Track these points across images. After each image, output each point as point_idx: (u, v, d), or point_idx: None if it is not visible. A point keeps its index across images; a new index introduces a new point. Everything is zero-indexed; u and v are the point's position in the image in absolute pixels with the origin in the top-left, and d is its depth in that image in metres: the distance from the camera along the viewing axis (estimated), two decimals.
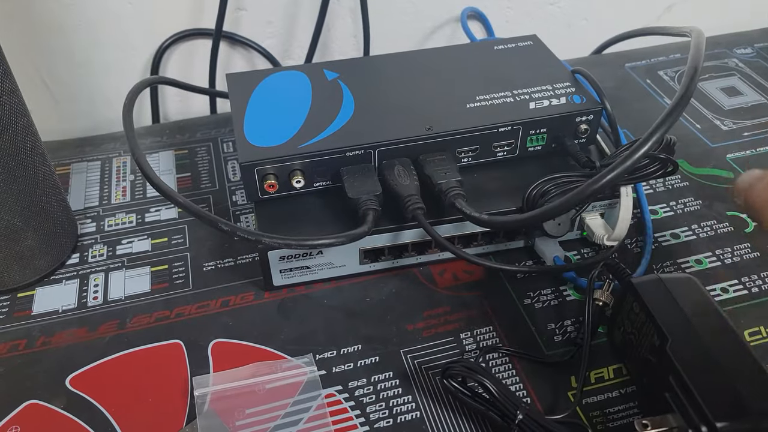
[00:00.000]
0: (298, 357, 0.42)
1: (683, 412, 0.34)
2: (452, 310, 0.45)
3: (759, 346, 0.42)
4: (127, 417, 0.39)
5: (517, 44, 0.56)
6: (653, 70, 0.70)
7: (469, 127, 0.46)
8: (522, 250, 0.49)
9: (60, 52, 0.62)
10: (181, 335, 0.43)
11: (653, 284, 0.40)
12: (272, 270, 0.45)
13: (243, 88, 0.50)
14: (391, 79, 0.52)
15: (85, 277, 0.48)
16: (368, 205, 0.42)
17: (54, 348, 0.43)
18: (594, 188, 0.35)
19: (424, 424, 0.39)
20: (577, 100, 0.48)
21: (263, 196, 0.45)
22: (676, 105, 0.35)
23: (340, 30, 0.69)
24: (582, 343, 0.40)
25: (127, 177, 0.56)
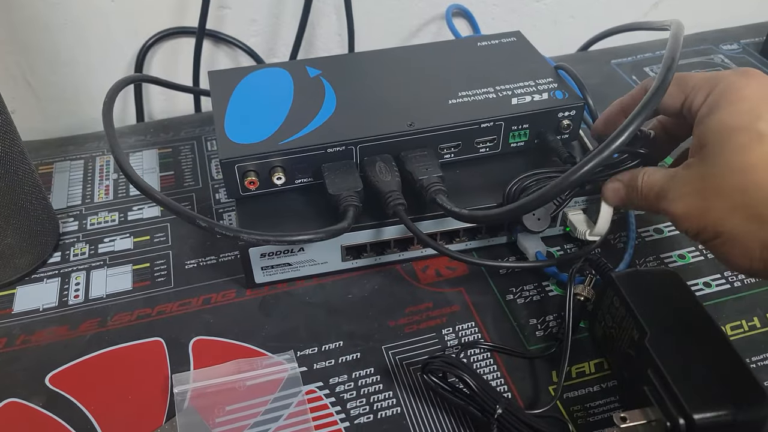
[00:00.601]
0: (279, 354, 0.42)
1: (661, 404, 0.34)
2: (434, 306, 0.45)
3: (741, 340, 0.42)
4: (106, 415, 0.39)
5: (500, 41, 0.56)
6: (639, 67, 0.70)
7: (450, 123, 0.46)
8: (505, 246, 0.49)
9: (43, 51, 0.62)
10: (162, 333, 0.43)
11: (633, 278, 0.40)
12: (254, 267, 0.45)
13: (224, 86, 0.50)
14: (374, 76, 0.51)
15: (66, 276, 0.47)
16: (349, 201, 0.42)
17: (34, 346, 0.43)
18: (570, 180, 0.35)
19: (405, 420, 0.39)
20: (559, 96, 0.48)
21: (244, 193, 0.45)
22: (651, 96, 0.35)
23: (324, 28, 0.69)
24: (563, 338, 0.40)
25: (111, 176, 0.56)
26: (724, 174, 0.32)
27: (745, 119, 0.33)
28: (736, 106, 0.33)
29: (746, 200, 0.32)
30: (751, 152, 0.32)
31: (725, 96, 0.34)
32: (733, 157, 0.32)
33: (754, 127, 0.32)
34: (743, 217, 0.32)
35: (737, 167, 0.32)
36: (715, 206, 0.33)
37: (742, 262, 0.34)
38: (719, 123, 0.33)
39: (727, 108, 0.33)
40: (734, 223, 0.32)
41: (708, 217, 0.33)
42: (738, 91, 0.34)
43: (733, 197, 0.32)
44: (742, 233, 0.32)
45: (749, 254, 0.33)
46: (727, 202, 0.32)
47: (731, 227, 0.33)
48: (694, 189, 0.34)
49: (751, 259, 0.33)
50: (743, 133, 0.32)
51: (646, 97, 0.35)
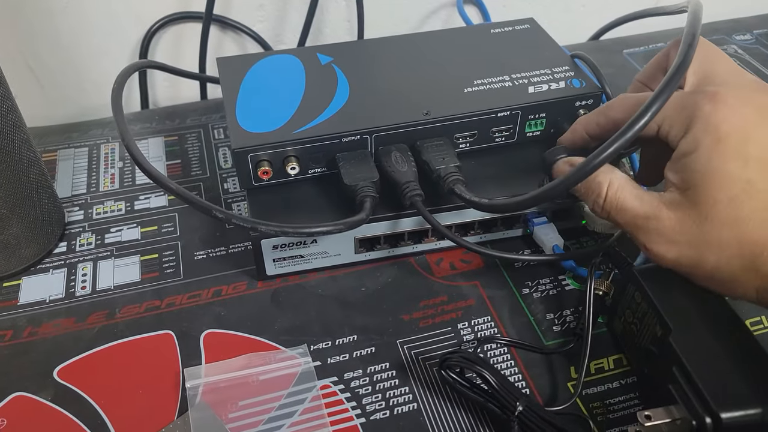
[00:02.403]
0: (293, 348, 0.41)
1: (687, 403, 0.33)
2: (449, 299, 0.44)
3: (761, 336, 0.42)
4: (116, 409, 0.38)
5: (514, 28, 0.55)
6: (651, 57, 0.68)
7: (467, 112, 0.45)
8: (520, 239, 0.48)
9: (46, 36, 0.61)
10: (172, 326, 0.42)
11: (654, 273, 0.39)
12: (265, 259, 0.44)
13: (234, 73, 0.49)
14: (387, 63, 0.50)
15: (72, 267, 0.46)
16: (365, 191, 0.41)
17: (41, 339, 0.42)
18: (594, 164, 0.34)
19: (422, 416, 0.38)
20: (576, 85, 0.48)
21: (257, 183, 0.44)
22: (674, 73, 0.34)
23: (333, 14, 0.67)
24: (582, 333, 0.40)
25: (116, 164, 0.55)
26: (721, 227, 0.33)
27: (732, 166, 0.32)
28: (720, 146, 0.33)
29: (742, 253, 0.32)
30: (743, 205, 0.32)
31: (706, 135, 0.33)
32: (727, 211, 0.32)
33: (743, 176, 0.32)
34: (738, 267, 0.33)
35: (731, 221, 0.32)
36: (709, 259, 0.33)
37: (737, 296, 0.34)
38: (706, 166, 0.33)
39: (712, 149, 0.33)
40: (728, 272, 0.33)
41: (701, 266, 0.34)
42: (717, 127, 0.33)
43: (728, 250, 0.33)
44: (737, 281, 0.33)
45: (746, 295, 0.34)
46: (722, 254, 0.33)
47: (724, 275, 0.33)
48: (687, 239, 0.34)
49: (748, 297, 0.34)
50: (734, 184, 0.32)
51: (668, 76, 0.34)
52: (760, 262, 0.32)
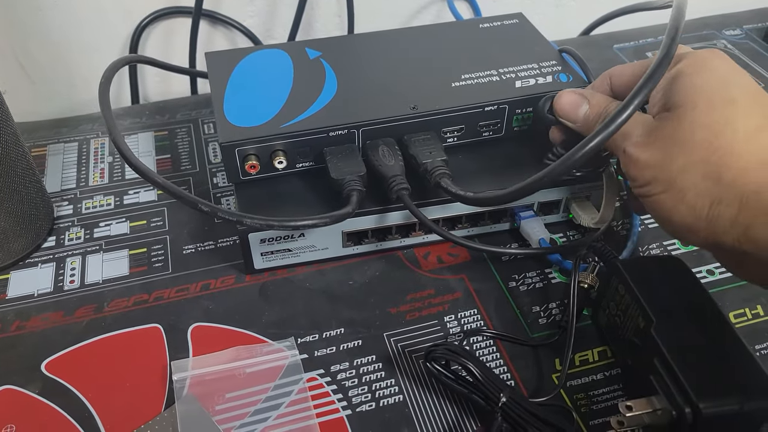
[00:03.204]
0: (280, 341, 0.41)
1: (667, 393, 0.33)
2: (436, 293, 0.44)
3: (743, 328, 0.42)
4: (104, 402, 0.38)
5: (502, 22, 0.55)
6: (641, 52, 0.69)
7: (454, 107, 0.45)
8: (507, 233, 0.48)
9: (36, 31, 0.61)
10: (160, 319, 0.43)
11: (638, 266, 0.39)
12: (253, 253, 0.44)
13: (222, 67, 0.49)
14: (375, 58, 0.50)
15: (61, 261, 0.46)
16: (352, 185, 0.41)
17: (29, 332, 0.42)
18: (577, 157, 0.34)
19: (407, 408, 0.38)
20: (563, 79, 0.48)
21: (244, 177, 0.44)
22: (657, 66, 0.34)
23: (323, 9, 0.67)
24: (567, 325, 0.40)
25: (105, 159, 0.55)
26: (693, 129, 0.33)
27: (715, 84, 0.34)
28: (706, 72, 0.34)
29: (708, 157, 0.32)
30: (721, 112, 0.33)
31: (693, 65, 0.35)
32: (703, 116, 0.33)
33: (725, 91, 0.33)
34: (701, 173, 0.32)
35: (705, 124, 0.33)
36: (676, 159, 0.33)
37: (687, 218, 0.33)
38: (691, 85, 0.34)
39: (698, 74, 0.34)
40: (690, 178, 0.33)
41: (665, 168, 0.33)
42: (705, 61, 0.35)
43: (696, 153, 0.33)
44: (695, 188, 0.32)
45: (696, 211, 0.33)
46: (689, 157, 0.33)
47: (685, 181, 0.33)
48: (659, 139, 0.34)
49: (697, 217, 0.33)
50: (714, 95, 0.33)
51: (651, 68, 0.34)
52: (723, 169, 0.32)
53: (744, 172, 0.31)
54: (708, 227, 0.32)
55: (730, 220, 0.31)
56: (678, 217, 0.33)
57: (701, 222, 0.32)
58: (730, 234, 0.32)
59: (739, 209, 0.31)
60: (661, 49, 0.35)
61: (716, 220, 0.32)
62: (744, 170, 0.31)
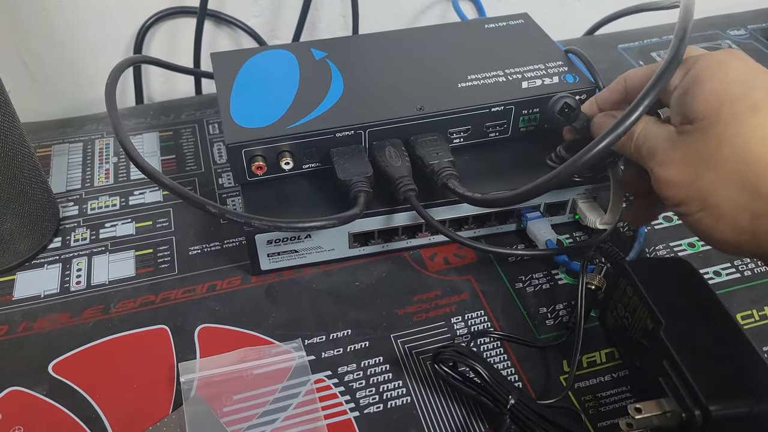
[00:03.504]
0: (287, 342, 0.41)
1: (676, 395, 0.33)
2: (443, 294, 0.44)
3: (751, 330, 0.42)
4: (112, 404, 0.38)
5: (508, 23, 0.55)
6: (646, 52, 0.69)
7: (461, 107, 0.45)
8: (514, 234, 0.48)
9: (40, 31, 0.61)
10: (166, 320, 0.43)
11: (646, 267, 0.39)
12: (260, 254, 0.44)
13: (228, 68, 0.49)
14: (381, 59, 0.50)
15: (67, 262, 0.46)
16: (359, 186, 0.41)
17: (36, 334, 0.42)
18: (585, 158, 0.34)
19: (415, 409, 0.38)
20: (570, 80, 0.48)
21: (251, 178, 0.44)
22: (666, 67, 0.34)
23: (327, 9, 0.67)
24: (574, 327, 0.40)
25: (110, 159, 0.55)
26: (719, 143, 0.32)
27: (737, 89, 0.32)
28: (725, 76, 0.33)
29: (740, 170, 0.31)
30: (746, 122, 0.31)
31: (709, 69, 0.33)
32: (728, 127, 0.31)
33: (747, 97, 0.32)
34: (735, 187, 0.31)
35: (732, 137, 0.31)
36: (706, 176, 0.32)
37: (728, 235, 0.32)
38: (710, 93, 0.32)
39: (716, 78, 0.33)
40: (725, 194, 0.31)
41: (697, 186, 0.32)
42: (722, 63, 0.33)
43: (727, 167, 0.31)
44: (732, 204, 0.31)
45: (737, 227, 0.32)
46: (719, 172, 0.32)
47: (720, 198, 0.32)
48: (686, 156, 0.33)
49: (740, 232, 0.32)
50: (737, 103, 0.32)
51: (660, 70, 0.34)
52: (759, 181, 0.30)
53: None
54: (752, 241, 0.31)
55: None
56: (719, 235, 0.32)
57: (744, 236, 0.32)
58: None
59: None
60: (669, 50, 0.35)
61: (760, 232, 0.31)
62: None
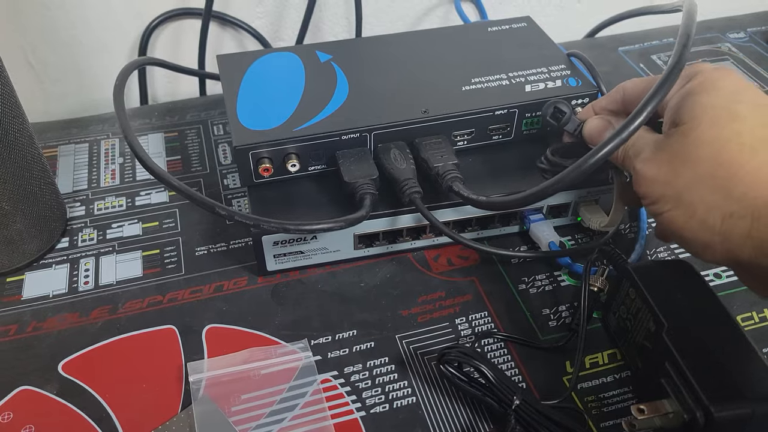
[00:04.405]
0: (293, 342, 0.42)
1: (679, 397, 0.34)
2: (447, 295, 0.45)
3: (751, 331, 0.43)
4: (121, 403, 0.39)
5: (511, 26, 0.55)
6: (646, 54, 0.69)
7: (465, 111, 0.46)
8: (517, 236, 0.49)
9: (45, 32, 0.61)
10: (174, 320, 0.43)
11: (650, 269, 0.40)
12: (266, 255, 0.44)
13: (234, 70, 0.49)
14: (386, 61, 0.51)
15: (75, 262, 0.47)
16: (365, 189, 0.42)
17: (45, 333, 0.42)
18: (590, 162, 0.34)
19: (421, 409, 0.39)
20: (572, 83, 0.48)
21: (257, 180, 0.44)
22: (669, 73, 0.34)
23: (331, 11, 0.68)
24: (577, 328, 0.40)
25: (116, 160, 0.55)
26: (697, 144, 0.33)
27: (722, 100, 0.34)
28: (715, 91, 0.34)
29: (715, 172, 0.32)
30: (725, 128, 0.33)
31: (703, 84, 0.35)
32: (707, 131, 0.33)
33: (730, 107, 0.33)
34: (709, 187, 0.32)
35: (710, 140, 0.33)
36: (683, 174, 0.33)
37: (699, 234, 0.33)
38: (698, 103, 0.34)
39: (706, 92, 0.34)
40: (698, 193, 0.33)
41: (673, 184, 0.34)
42: (716, 81, 0.35)
43: (702, 168, 0.33)
44: (704, 203, 0.32)
45: (708, 226, 0.32)
46: (695, 172, 0.33)
47: (693, 196, 0.33)
48: (667, 155, 0.34)
49: (711, 233, 0.32)
50: (718, 110, 0.33)
51: (663, 76, 0.35)
52: (732, 183, 0.32)
53: (754, 185, 0.31)
54: (723, 242, 0.32)
55: (744, 233, 0.31)
56: (690, 233, 0.33)
57: (715, 237, 0.32)
58: (745, 248, 0.31)
59: (752, 222, 0.31)
60: (672, 56, 0.35)
61: (730, 234, 0.32)
62: (754, 183, 0.31)
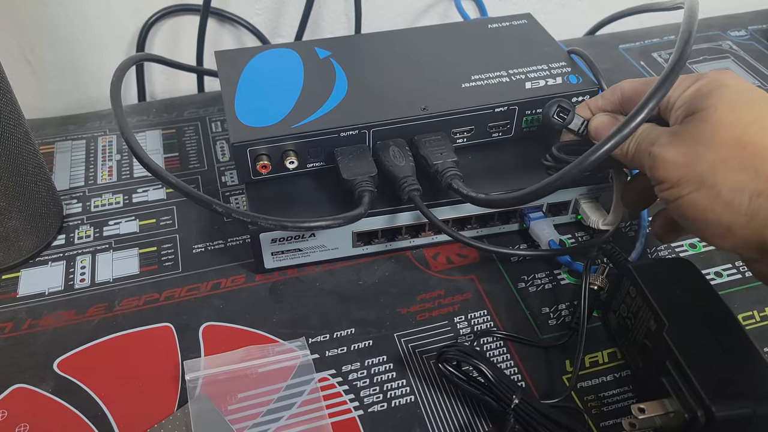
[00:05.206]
0: (291, 341, 0.41)
1: (680, 396, 0.34)
2: (446, 293, 0.45)
3: (752, 330, 0.42)
4: (117, 401, 0.38)
5: (511, 23, 0.55)
6: (647, 52, 0.69)
7: (465, 108, 0.45)
8: (516, 234, 0.48)
9: (43, 28, 0.60)
10: (171, 318, 0.43)
11: (649, 268, 0.40)
12: (264, 252, 0.44)
13: (233, 66, 0.49)
14: (385, 58, 0.51)
15: (71, 259, 0.46)
16: (364, 186, 0.42)
17: (41, 331, 0.42)
18: (591, 159, 0.34)
19: (419, 408, 0.38)
20: (573, 81, 0.48)
21: (255, 177, 0.44)
22: (671, 70, 0.34)
23: (330, 7, 0.67)
24: (577, 327, 0.40)
25: (114, 156, 0.55)
26: (719, 128, 0.33)
27: (735, 93, 0.34)
28: (725, 89, 0.34)
29: (738, 153, 0.32)
30: (745, 113, 0.33)
31: (712, 83, 0.35)
32: (727, 114, 0.33)
33: (746, 97, 0.34)
34: (734, 168, 0.32)
35: (732, 123, 0.33)
36: (704, 156, 0.33)
37: (723, 215, 0.32)
38: (712, 95, 0.34)
39: (718, 88, 0.34)
40: (722, 174, 0.32)
41: (694, 166, 0.33)
42: (721, 80, 0.35)
43: (725, 149, 0.32)
44: (730, 183, 0.32)
45: (734, 207, 0.32)
46: (717, 154, 0.32)
47: (717, 177, 0.32)
48: (685, 139, 0.34)
49: (737, 213, 0.32)
50: (735, 98, 0.34)
51: (666, 72, 0.34)
52: (759, 162, 0.31)
53: None
54: (749, 223, 0.32)
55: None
56: (714, 214, 0.33)
57: (741, 217, 0.32)
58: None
59: None
60: (674, 52, 0.35)
61: (758, 213, 0.31)
62: None
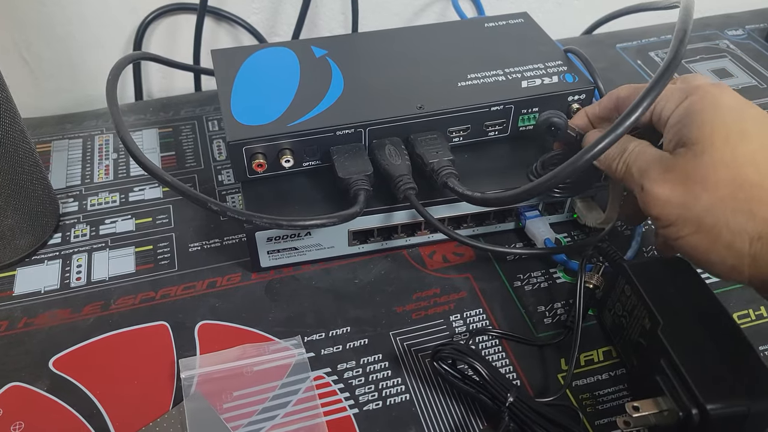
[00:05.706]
0: (286, 339, 0.41)
1: (674, 394, 0.34)
2: (442, 292, 0.45)
3: (747, 329, 0.42)
4: (112, 400, 0.38)
5: (507, 22, 0.55)
6: (644, 51, 0.69)
7: (460, 106, 0.45)
8: (512, 232, 0.48)
9: (40, 27, 0.60)
10: (167, 317, 0.43)
11: (645, 267, 0.40)
12: (260, 251, 0.44)
13: (229, 65, 0.49)
14: (381, 57, 0.51)
15: (67, 258, 0.46)
16: (359, 185, 0.42)
17: (36, 329, 0.42)
18: (584, 159, 0.34)
19: (414, 407, 0.38)
20: (569, 79, 0.48)
21: (251, 175, 0.44)
22: (665, 69, 0.34)
23: (327, 6, 0.67)
24: (572, 325, 0.40)
25: (110, 155, 0.55)
26: (714, 167, 0.32)
27: (728, 119, 0.34)
28: (718, 109, 0.34)
29: (735, 194, 0.32)
30: (739, 149, 0.33)
31: (704, 100, 0.35)
32: (723, 153, 0.33)
33: (737, 126, 0.33)
34: (732, 210, 0.32)
35: (727, 162, 0.32)
36: (700, 197, 0.33)
37: (726, 257, 0.32)
38: (705, 122, 0.34)
39: (710, 110, 0.34)
40: (721, 216, 0.32)
41: (690, 207, 0.33)
42: (716, 97, 0.35)
43: (721, 190, 0.32)
44: (728, 226, 0.32)
45: (735, 249, 0.32)
46: (714, 195, 0.32)
47: (715, 219, 0.32)
48: (680, 177, 0.34)
49: (739, 255, 0.32)
50: (729, 130, 0.33)
51: (660, 71, 0.34)
52: (754, 205, 0.31)
53: None
54: (752, 264, 0.32)
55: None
56: (717, 257, 0.33)
57: (744, 259, 0.32)
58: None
59: None
60: (669, 51, 0.35)
61: (760, 257, 0.31)
62: None
